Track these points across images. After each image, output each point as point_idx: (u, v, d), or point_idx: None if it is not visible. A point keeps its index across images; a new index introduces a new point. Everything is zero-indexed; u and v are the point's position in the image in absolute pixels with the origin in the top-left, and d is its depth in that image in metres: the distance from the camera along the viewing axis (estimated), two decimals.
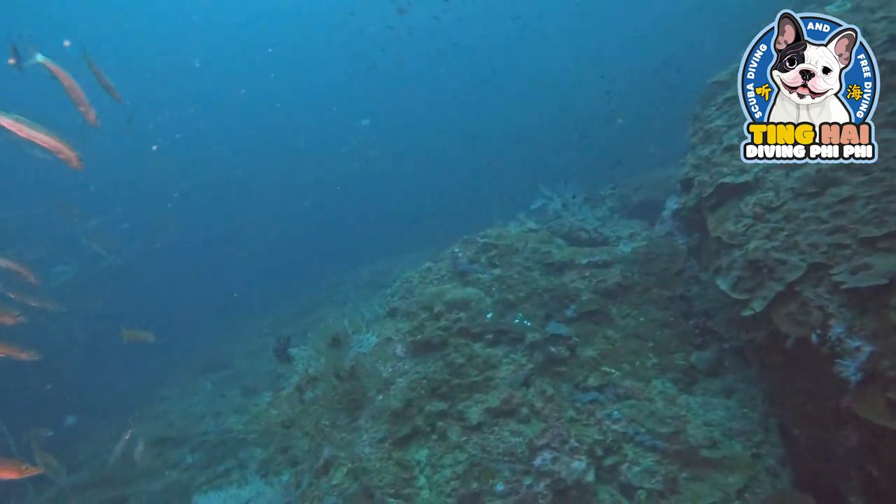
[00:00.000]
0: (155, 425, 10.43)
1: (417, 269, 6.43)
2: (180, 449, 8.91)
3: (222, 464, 7.87)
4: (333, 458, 4.56)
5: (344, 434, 4.80)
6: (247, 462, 7.60)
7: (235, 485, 4.95)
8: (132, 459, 8.61)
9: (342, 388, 4.84)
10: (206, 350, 14.30)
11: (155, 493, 7.57)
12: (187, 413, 10.48)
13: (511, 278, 5.72)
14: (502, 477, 4.21)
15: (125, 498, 7.63)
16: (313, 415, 4.84)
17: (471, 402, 4.67)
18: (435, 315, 5.40)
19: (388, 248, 17.00)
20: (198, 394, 11.72)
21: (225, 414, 9.81)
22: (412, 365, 5.13)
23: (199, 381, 12.56)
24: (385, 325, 5.77)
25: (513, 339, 5.14)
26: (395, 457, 4.49)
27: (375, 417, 4.80)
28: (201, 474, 7.82)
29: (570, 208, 9.18)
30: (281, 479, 5.15)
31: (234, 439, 8.42)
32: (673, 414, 4.41)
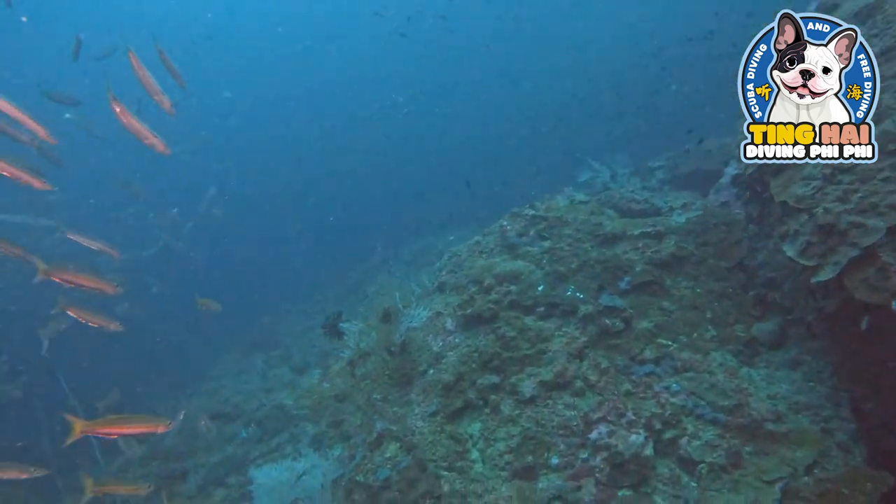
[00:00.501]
0: (210, 401, 10.74)
1: (465, 243, 6.35)
2: (235, 424, 9.15)
3: (275, 438, 8.06)
4: (386, 431, 4.57)
5: (395, 408, 4.81)
6: (299, 437, 7.75)
7: (290, 458, 5.02)
8: (189, 435, 8.93)
9: (393, 363, 4.84)
10: (256, 330, 14.59)
11: (212, 466, 7.80)
12: (240, 390, 10.74)
13: (562, 250, 5.59)
14: (557, 450, 4.15)
15: (185, 470, 7.88)
16: (365, 389, 4.85)
17: (523, 376, 4.60)
18: (485, 288, 5.33)
19: (430, 227, 16.97)
20: (249, 371, 12.00)
21: (276, 391, 10.02)
22: (463, 338, 5.08)
23: (251, 359, 12.87)
24: (434, 299, 5.73)
25: (565, 311, 5.04)
26: (447, 430, 4.47)
27: (427, 391, 4.78)
28: (255, 448, 8.03)
29: (618, 180, 8.94)
30: (333, 452, 5.20)
31: (286, 415, 8.60)
32: (734, 387, 4.25)
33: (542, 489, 3.95)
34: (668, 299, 5.13)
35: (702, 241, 5.63)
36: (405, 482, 4.14)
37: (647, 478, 3.90)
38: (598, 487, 3.89)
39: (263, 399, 9.70)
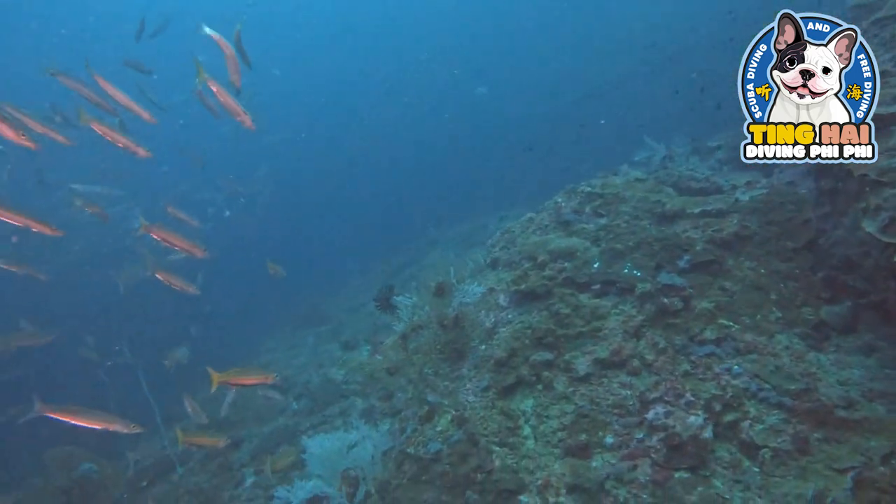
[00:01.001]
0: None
1: (518, 220, 6.26)
2: (286, 397, 9.34)
3: (325, 411, 8.20)
4: (437, 405, 4.56)
5: (447, 382, 4.79)
6: (348, 410, 7.87)
7: (342, 429, 5.08)
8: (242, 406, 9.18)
9: (445, 337, 4.82)
10: (306, 306, 14.88)
11: (265, 436, 8.00)
12: (291, 364, 10.97)
13: (618, 227, 5.44)
14: (612, 430, 4.06)
15: (240, 439, 8.10)
16: (416, 363, 4.86)
17: (578, 353, 4.51)
18: (539, 265, 5.24)
19: (479, 208, 16.89)
20: (300, 346, 12.24)
21: (326, 366, 10.19)
22: (516, 315, 5.02)
23: (301, 334, 13.13)
24: (487, 275, 5.68)
25: (621, 289, 4.91)
26: (499, 406, 4.44)
27: (479, 367, 4.75)
28: (306, 420, 8.19)
29: (676, 159, 8.65)
30: (384, 425, 5.24)
31: (336, 389, 8.73)
32: (802, 371, 4.05)
33: (596, 468, 3.87)
34: (729, 279, 4.93)
35: (767, 221, 5.38)
36: (456, 456, 4.13)
37: (705, 460, 3.77)
38: (654, 468, 3.78)
39: (314, 373, 9.88)
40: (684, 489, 3.61)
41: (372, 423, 5.04)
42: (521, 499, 3.80)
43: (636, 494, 3.67)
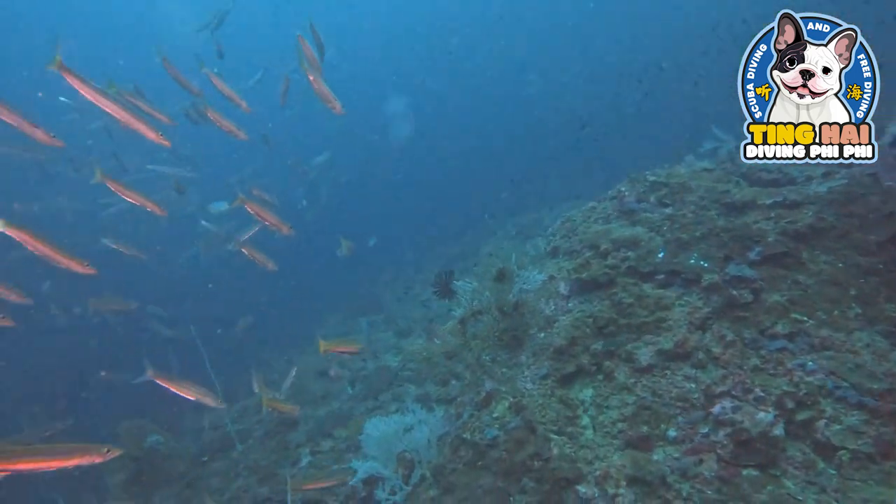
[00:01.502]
0: (317, 359, 11.21)
1: (580, 209, 6.14)
2: (341, 382, 9.49)
3: (379, 397, 8.28)
4: (495, 391, 4.53)
5: (504, 369, 4.75)
6: (402, 396, 7.92)
7: (399, 412, 5.11)
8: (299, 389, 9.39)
9: (505, 323, 4.77)
10: (361, 295, 15.08)
11: (320, 419, 8.14)
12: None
13: (684, 217, 5.26)
14: (675, 423, 3.93)
15: (296, 420, 8.28)
16: (474, 349, 4.83)
17: (640, 344, 4.38)
18: (601, 253, 5.12)
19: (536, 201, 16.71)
20: (354, 333, 12.41)
21: (381, 352, 10.29)
22: (576, 303, 4.93)
23: (355, 322, 13.32)
24: (546, 264, 5.60)
25: (687, 280, 4.74)
26: (558, 394, 4.36)
27: (538, 354, 4.69)
28: (361, 405, 8.29)
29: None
30: (440, 410, 5.24)
31: (390, 375, 8.81)
32: (885, 370, 3.81)
33: (658, 461, 3.76)
34: (804, 273, 4.69)
35: (846, 213, 5.09)
36: (513, 443, 4.08)
37: (776, 459, 3.60)
38: (720, 464, 3.64)
39: (368, 359, 10.00)
40: (753, 487, 3.46)
41: (428, 408, 5.05)
42: (578, 488, 3.73)
43: (701, 490, 3.54)
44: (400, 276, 16.39)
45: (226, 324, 13.53)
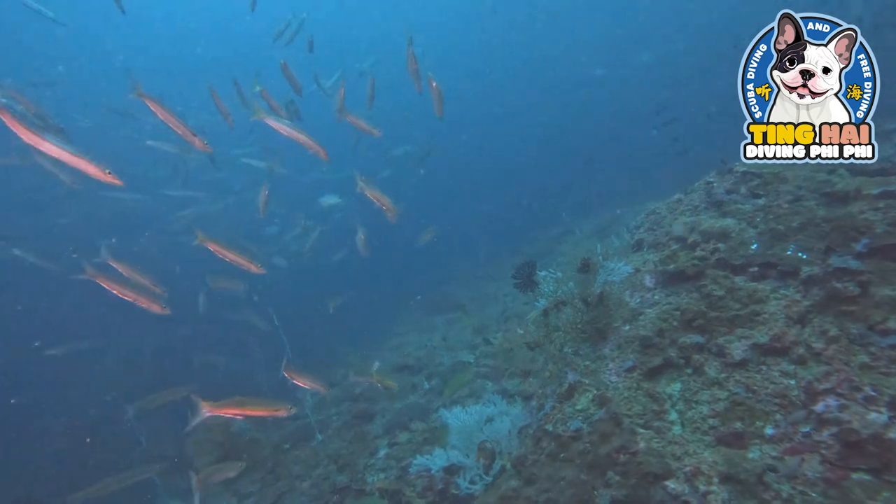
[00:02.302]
0: (394, 355, 11.40)
1: (665, 201, 5.94)
2: (418, 376, 9.60)
3: (456, 392, 8.30)
4: (578, 383, 4.43)
5: (588, 362, 4.65)
6: (479, 392, 7.91)
7: (480, 403, 5.10)
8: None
9: (588, 315, 4.67)
10: (436, 293, 15.21)
11: (397, 411, 8.26)
12: (423, 346, 11.25)
13: (780, 208, 4.98)
14: (773, 420, 3.72)
15: (373, 413, 8.44)
16: (556, 340, 4.75)
17: (732, 337, 4.18)
18: (689, 245, 4.93)
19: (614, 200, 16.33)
20: (431, 330, 12.53)
21: (457, 349, 10.33)
22: (663, 296, 4.76)
23: (432, 319, 13.44)
24: (631, 257, 5.44)
25: (784, 272, 4.48)
26: (644, 387, 4.23)
27: (622, 347, 4.56)
28: (437, 399, 8.35)
29: None
30: (520, 402, 5.19)
31: (467, 371, 8.82)
32: None
33: (754, 459, 3.57)
34: None
35: None
36: (598, 435, 3.98)
37: (891, 465, 3.34)
38: (825, 465, 3.41)
39: (445, 355, 10.06)
40: (865, 492, 3.22)
41: (510, 399, 5.01)
42: (667, 484, 3.59)
43: (804, 492, 3.33)
44: (475, 274, 16.40)
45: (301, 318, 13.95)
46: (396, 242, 16.87)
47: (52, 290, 13.52)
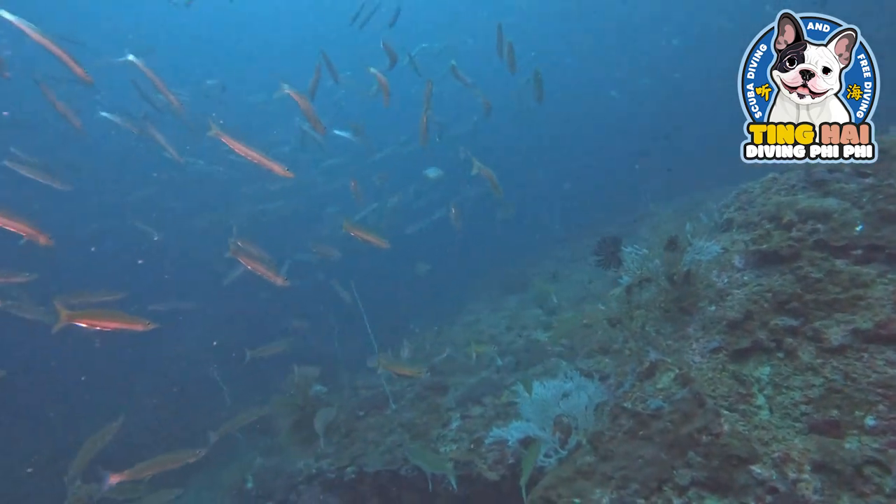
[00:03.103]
0: (466, 332, 11.48)
1: (759, 180, 5.64)
2: (489, 353, 9.63)
3: (529, 370, 8.28)
4: (659, 362, 4.33)
5: (670, 341, 4.52)
6: (552, 370, 7.85)
7: (558, 378, 5.07)
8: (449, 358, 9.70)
9: (673, 294, 4.53)
10: (510, 273, 15.15)
11: (471, 386, 8.33)
12: (495, 324, 11.26)
13: (891, 187, 4.63)
14: (875, 411, 3.50)
15: (447, 386, 8.56)
16: (638, 318, 4.65)
17: (831, 322, 3.95)
18: (784, 225, 4.67)
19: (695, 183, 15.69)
20: (503, 309, 12.51)
21: (530, 328, 10.29)
22: (753, 276, 4.55)
23: (505, 299, 13.41)
24: (719, 237, 5.23)
25: (893, 256, 4.18)
26: (730, 369, 4.08)
27: (707, 327, 4.40)
28: (511, 376, 8.35)
29: None
30: (597, 377, 5.11)
31: (541, 350, 8.78)
32: None
33: (851, 450, 3.38)
34: None
35: None
36: (679, 414, 3.88)
37: None
38: None
39: (518, 334, 10.04)
40: None
41: (588, 375, 4.96)
42: (753, 468, 3.46)
43: None
44: (551, 254, 16.20)
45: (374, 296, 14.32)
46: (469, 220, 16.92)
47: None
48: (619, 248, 4.73)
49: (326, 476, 7.64)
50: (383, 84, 8.79)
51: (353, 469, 7.45)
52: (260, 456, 9.70)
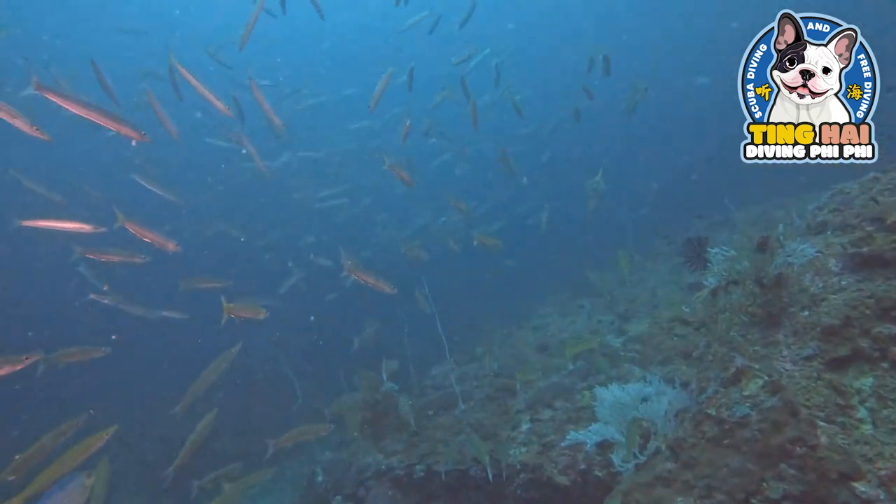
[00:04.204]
0: (535, 335, 11.36)
1: (857, 180, 5.30)
2: (561, 358, 9.47)
3: (601, 375, 8.09)
4: (746, 368, 4.12)
5: (757, 347, 4.30)
6: (625, 377, 7.64)
7: (638, 381, 4.92)
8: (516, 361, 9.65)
9: (762, 298, 4.31)
10: (580, 277, 14.88)
11: (540, 389, 8.21)
12: (565, 328, 11.10)
13: None
14: None
15: (515, 388, 8.47)
16: (723, 322, 4.44)
17: None
18: (888, 227, 4.36)
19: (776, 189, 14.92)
20: (574, 314, 12.31)
21: (602, 333, 10.06)
22: (852, 281, 4.26)
23: (575, 303, 13.18)
24: (813, 240, 4.93)
25: None
26: (826, 378, 3.83)
27: (800, 333, 4.16)
28: (582, 381, 8.17)
29: None
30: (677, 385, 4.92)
31: (613, 355, 8.56)
32: None
33: None
34: None
35: None
36: (768, 423, 3.68)
37: None
38: None
39: (590, 339, 9.84)
40: None
41: (668, 380, 4.78)
42: (856, 486, 3.23)
43: None
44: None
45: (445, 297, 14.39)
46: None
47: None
48: (706, 249, 4.53)
49: (396, 473, 7.71)
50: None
51: (423, 468, 7.48)
52: (329, 450, 9.91)
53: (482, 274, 16.82)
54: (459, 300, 15.73)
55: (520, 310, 14.54)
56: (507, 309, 15.12)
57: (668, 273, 12.94)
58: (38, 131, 5.27)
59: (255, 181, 15.81)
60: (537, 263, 18.00)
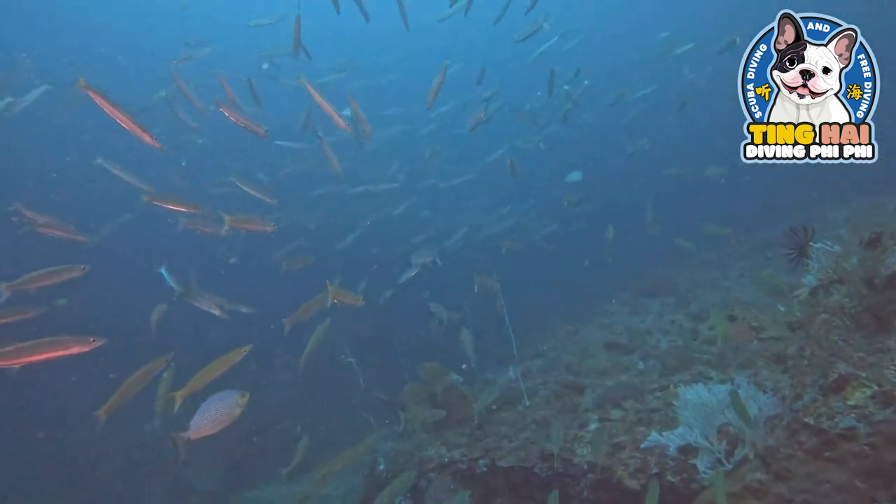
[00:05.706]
0: (603, 333, 11.05)
1: None
2: (630, 356, 9.17)
3: (675, 376, 7.75)
4: (851, 376, 3.79)
5: (863, 353, 3.95)
6: (700, 378, 7.28)
7: (726, 383, 4.64)
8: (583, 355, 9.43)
9: (870, 300, 3.96)
10: (651, 276, 14.42)
11: (609, 388, 7.96)
12: (634, 327, 10.72)
13: None
14: None
15: (584, 386, 8.25)
16: (822, 324, 4.11)
17: None
18: None
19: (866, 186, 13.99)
20: (643, 313, 11.92)
21: (673, 333, 9.68)
22: None
23: (645, 302, 12.76)
24: None
25: None
26: None
27: None
28: (653, 382, 7.86)
29: None
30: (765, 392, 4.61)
31: (687, 355, 8.19)
32: None
33: None
34: None
35: None
36: (881, 438, 3.37)
37: None
38: None
39: (661, 338, 9.49)
40: None
41: (758, 385, 4.48)
42: None
43: None
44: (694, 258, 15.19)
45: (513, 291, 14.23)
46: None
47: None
48: (810, 242, 4.20)
49: (458, 466, 7.63)
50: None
51: (486, 462, 7.38)
52: (392, 441, 9.93)
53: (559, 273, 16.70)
54: (523, 295, 15.54)
55: (584, 308, 14.24)
56: (571, 307, 14.85)
57: (745, 271, 12.37)
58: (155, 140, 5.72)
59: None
60: (597, 262, 17.66)
